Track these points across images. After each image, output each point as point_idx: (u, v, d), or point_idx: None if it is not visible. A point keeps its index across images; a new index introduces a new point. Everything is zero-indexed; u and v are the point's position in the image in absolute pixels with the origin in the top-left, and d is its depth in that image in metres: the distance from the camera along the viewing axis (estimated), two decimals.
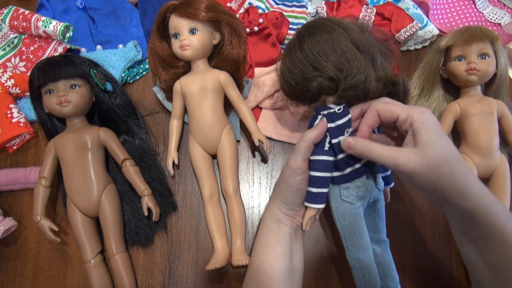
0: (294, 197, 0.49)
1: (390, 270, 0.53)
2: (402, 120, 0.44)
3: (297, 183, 0.48)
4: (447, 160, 0.41)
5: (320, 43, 0.48)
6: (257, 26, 0.69)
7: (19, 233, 0.64)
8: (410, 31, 0.68)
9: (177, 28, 0.60)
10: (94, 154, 0.60)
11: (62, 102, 0.58)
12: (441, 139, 0.42)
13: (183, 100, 0.63)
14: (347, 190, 0.50)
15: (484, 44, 0.63)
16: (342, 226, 0.51)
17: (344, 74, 0.46)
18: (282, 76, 0.53)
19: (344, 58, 0.47)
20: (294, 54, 0.50)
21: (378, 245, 0.54)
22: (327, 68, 0.47)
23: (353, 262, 0.51)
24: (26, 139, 0.68)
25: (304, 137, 0.47)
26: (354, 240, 0.50)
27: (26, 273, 0.62)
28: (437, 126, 0.43)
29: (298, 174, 0.47)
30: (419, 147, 0.42)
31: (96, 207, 0.59)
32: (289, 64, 0.51)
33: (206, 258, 0.62)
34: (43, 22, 0.66)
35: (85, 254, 0.59)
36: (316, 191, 0.48)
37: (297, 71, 0.49)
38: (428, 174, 0.41)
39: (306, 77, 0.49)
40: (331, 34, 0.48)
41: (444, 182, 0.41)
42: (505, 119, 0.63)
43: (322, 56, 0.47)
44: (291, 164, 0.47)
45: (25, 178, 0.63)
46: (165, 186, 0.64)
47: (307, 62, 0.48)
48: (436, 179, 0.41)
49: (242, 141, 0.68)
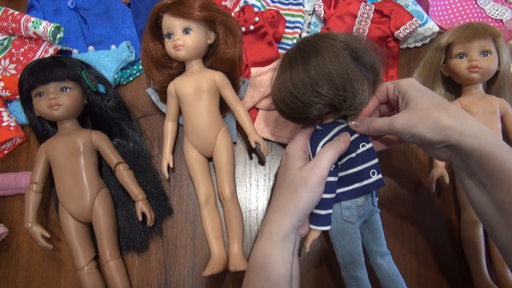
0: (311, 207, 0.46)
1: (400, 281, 0.51)
2: (391, 90, 0.48)
3: (320, 192, 0.45)
4: (439, 104, 0.44)
5: (327, 65, 0.44)
6: (253, 25, 0.68)
7: (11, 240, 0.63)
8: (410, 28, 0.66)
9: (170, 28, 0.58)
10: (87, 158, 0.59)
11: (53, 105, 0.56)
12: (428, 91, 0.46)
13: (177, 102, 0.61)
14: (348, 210, 0.49)
15: (486, 41, 0.61)
16: (340, 246, 0.50)
17: (349, 103, 0.45)
18: (279, 95, 0.48)
19: (349, 83, 0.44)
20: (296, 73, 0.45)
21: (383, 258, 0.52)
22: (329, 94, 0.44)
23: (350, 280, 0.50)
24: (17, 143, 0.66)
25: (333, 147, 0.46)
26: (353, 259, 0.50)
27: (18, 281, 0.61)
28: (422, 86, 0.46)
29: (323, 183, 0.45)
30: (410, 104, 0.45)
31: (89, 212, 0.58)
32: (290, 85, 0.46)
33: (202, 263, 0.61)
34: (33, 23, 0.64)
35: (78, 261, 0.57)
36: (324, 213, 0.47)
37: (299, 94, 0.45)
38: (427, 119, 0.43)
39: (307, 102, 0.45)
40: (337, 56, 0.44)
41: (441, 122, 0.43)
42: (508, 118, 0.62)
43: (326, 80, 0.44)
44: (323, 171, 0.45)
45: (16, 183, 0.62)
46: (160, 190, 0.63)
47: (310, 85, 0.44)
48: (433, 122, 0.43)
49: (239, 143, 0.66)
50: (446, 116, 0.42)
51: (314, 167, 0.45)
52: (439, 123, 0.42)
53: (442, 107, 0.43)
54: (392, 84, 0.48)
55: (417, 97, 0.45)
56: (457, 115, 0.43)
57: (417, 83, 0.47)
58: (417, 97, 0.45)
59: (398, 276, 0.51)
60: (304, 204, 0.45)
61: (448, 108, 0.43)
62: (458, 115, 0.43)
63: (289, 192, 0.46)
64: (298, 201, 0.45)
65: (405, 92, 0.46)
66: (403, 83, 0.47)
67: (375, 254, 0.52)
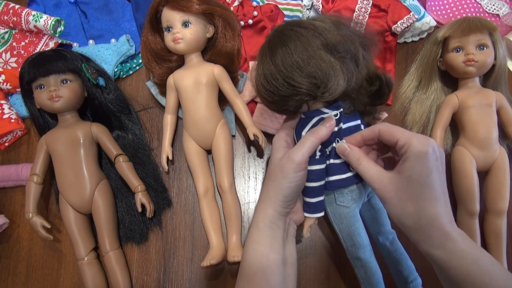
0: (293, 193, 0.46)
1: (405, 259, 0.52)
2: (400, 146, 0.42)
3: (299, 178, 0.45)
4: (422, 201, 0.40)
5: (294, 56, 0.43)
6: (251, 19, 0.68)
7: (11, 231, 0.63)
8: (407, 23, 0.67)
9: (169, 21, 0.59)
10: (87, 150, 0.59)
11: (53, 97, 0.57)
12: (427, 178, 0.40)
13: (176, 95, 0.62)
14: (342, 195, 0.50)
15: (482, 34, 0.62)
16: (340, 229, 0.51)
17: (321, 90, 0.43)
18: (257, 90, 0.48)
19: (320, 71, 0.42)
20: (266, 67, 0.45)
21: (386, 237, 0.53)
22: (302, 84, 0.42)
23: (354, 261, 0.52)
24: (18, 136, 0.67)
25: (314, 133, 0.45)
26: (353, 241, 0.51)
27: (19, 272, 0.61)
28: (431, 162, 0.40)
29: (301, 169, 0.45)
30: (399, 179, 0.41)
31: (89, 203, 0.58)
32: (263, 79, 0.45)
33: (201, 254, 0.62)
34: (33, 16, 0.64)
35: (78, 252, 0.58)
36: (314, 201, 0.48)
37: (272, 88, 0.44)
38: (398, 208, 0.41)
39: (282, 95, 0.44)
40: (304, 45, 0.43)
41: (411, 222, 0.41)
42: (504, 111, 0.62)
43: (296, 71, 0.42)
44: (295, 157, 0.44)
45: (17, 175, 0.62)
46: (159, 182, 0.63)
47: (281, 77, 0.43)
48: (403, 217, 0.41)
49: (238, 135, 0.67)
50: (416, 219, 0.40)
51: (291, 154, 0.45)
52: (403, 219, 0.41)
53: (423, 206, 0.40)
54: (404, 138, 0.41)
55: (412, 179, 0.40)
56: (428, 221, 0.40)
57: (428, 157, 0.40)
58: (412, 179, 0.40)
59: (403, 255, 0.52)
60: (283, 191, 0.45)
61: (429, 209, 0.40)
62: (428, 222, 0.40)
63: (270, 181, 0.47)
64: (277, 189, 0.45)
65: (406, 161, 0.40)
66: (412, 150, 0.40)
67: (377, 234, 0.53)
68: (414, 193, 0.40)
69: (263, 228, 0.46)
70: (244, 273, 0.46)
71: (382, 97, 0.50)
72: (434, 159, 0.40)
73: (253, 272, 0.45)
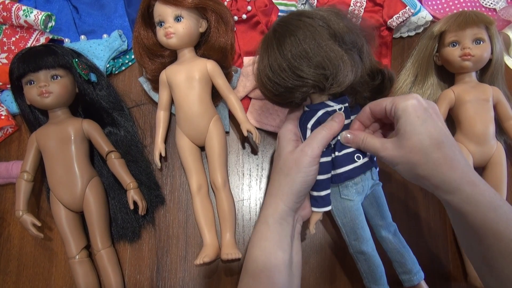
0: (306, 188, 0.46)
1: (407, 252, 0.52)
2: (389, 110, 0.43)
3: (313, 172, 0.45)
4: (426, 146, 0.40)
5: (303, 45, 0.42)
6: (245, 14, 0.67)
7: (2, 229, 0.62)
8: (403, 17, 0.66)
9: (161, 16, 0.58)
10: (78, 146, 0.58)
11: (43, 93, 0.56)
12: (421, 126, 0.40)
13: (169, 91, 0.61)
14: (346, 189, 0.49)
15: (479, 29, 0.61)
16: (343, 223, 0.51)
17: (330, 81, 0.43)
18: (261, 82, 0.47)
19: (330, 62, 0.42)
20: (273, 58, 0.44)
21: (387, 230, 0.52)
22: (310, 75, 0.42)
23: (357, 255, 0.51)
24: (9, 133, 0.66)
25: (326, 127, 0.46)
26: (357, 235, 0.50)
27: (9, 270, 0.61)
28: (420, 111, 0.41)
29: (316, 162, 0.45)
30: (398, 137, 0.42)
31: (80, 201, 0.57)
32: (268, 71, 0.45)
33: (195, 252, 0.61)
34: (24, 11, 0.63)
35: (70, 250, 0.57)
36: (323, 194, 0.48)
37: (278, 79, 0.44)
38: (406, 163, 0.41)
39: (288, 86, 0.44)
40: (313, 34, 0.42)
41: (416, 170, 0.41)
42: (500, 106, 0.61)
43: (304, 60, 0.42)
44: (310, 151, 0.44)
45: (7, 172, 0.61)
46: (152, 179, 0.62)
47: (289, 68, 0.43)
48: (413, 168, 0.41)
49: (231, 132, 0.66)
50: (425, 166, 0.40)
51: (305, 148, 0.45)
52: (415, 171, 0.41)
53: (426, 152, 0.40)
54: (390, 102, 0.43)
55: (407, 131, 0.41)
56: (437, 166, 0.40)
57: (415, 108, 0.41)
58: (407, 131, 0.41)
59: (405, 247, 0.52)
60: (297, 185, 0.45)
61: (433, 153, 0.40)
62: (437, 166, 0.40)
63: (283, 175, 0.46)
64: (291, 183, 0.45)
65: (398, 119, 0.42)
66: (399, 107, 0.42)
67: (379, 227, 0.52)
68: (416, 145, 0.40)
69: (272, 224, 0.45)
70: (249, 270, 0.45)
71: (384, 91, 0.50)
72: (422, 109, 0.41)
73: (259, 270, 0.44)
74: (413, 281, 0.51)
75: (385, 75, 0.49)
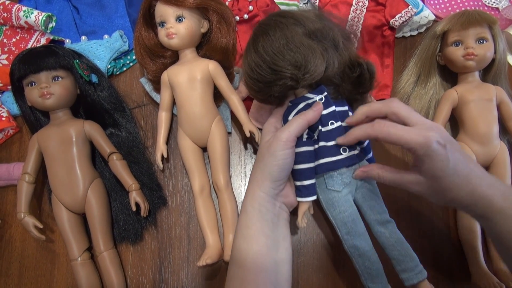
0: (280, 172, 0.46)
1: (406, 249, 0.50)
2: (407, 149, 0.43)
3: (286, 156, 0.45)
4: (457, 185, 0.42)
5: (275, 42, 0.46)
6: (247, 14, 0.67)
7: (4, 231, 0.62)
8: (405, 17, 0.66)
9: (163, 16, 0.58)
10: (79, 148, 0.58)
11: (44, 94, 0.56)
12: (448, 168, 0.41)
13: (171, 91, 0.61)
14: (331, 179, 0.50)
15: (482, 28, 0.60)
16: (333, 216, 0.51)
17: (302, 71, 0.45)
18: (245, 82, 0.51)
19: (299, 54, 0.45)
20: (250, 57, 0.48)
21: (384, 227, 0.51)
22: (284, 68, 0.45)
23: (351, 251, 0.50)
24: (10, 134, 0.65)
25: (301, 114, 0.47)
26: (348, 228, 0.50)
27: (11, 273, 0.60)
28: (443, 154, 0.41)
29: (288, 147, 0.45)
30: (425, 178, 0.43)
31: (82, 203, 0.57)
32: (247, 69, 0.49)
33: (197, 254, 0.60)
34: (24, 12, 0.63)
35: (72, 252, 0.57)
36: (306, 184, 0.49)
37: (257, 76, 0.47)
38: (437, 199, 0.45)
39: (267, 81, 0.47)
40: (284, 31, 0.46)
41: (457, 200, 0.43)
42: (504, 106, 0.61)
43: (278, 56, 0.45)
44: (282, 135, 0.45)
45: (9, 174, 0.61)
46: (154, 181, 0.62)
47: (264, 64, 0.46)
48: (446, 201, 0.44)
49: (234, 133, 0.66)
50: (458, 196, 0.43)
51: (277, 133, 0.46)
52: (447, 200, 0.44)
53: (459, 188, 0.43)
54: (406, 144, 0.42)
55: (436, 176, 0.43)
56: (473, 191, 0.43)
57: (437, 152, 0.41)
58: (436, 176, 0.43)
59: (403, 243, 0.50)
60: (270, 169, 0.46)
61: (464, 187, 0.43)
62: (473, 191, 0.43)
63: (257, 163, 0.48)
64: (264, 167, 0.46)
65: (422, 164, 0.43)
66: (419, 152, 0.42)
67: (374, 222, 0.51)
68: (448, 185, 0.42)
69: (251, 212, 0.46)
70: (235, 259, 0.46)
71: (364, 84, 0.51)
72: (444, 152, 0.41)
73: (243, 257, 0.45)
74: (412, 280, 0.49)
75: (363, 68, 0.50)
